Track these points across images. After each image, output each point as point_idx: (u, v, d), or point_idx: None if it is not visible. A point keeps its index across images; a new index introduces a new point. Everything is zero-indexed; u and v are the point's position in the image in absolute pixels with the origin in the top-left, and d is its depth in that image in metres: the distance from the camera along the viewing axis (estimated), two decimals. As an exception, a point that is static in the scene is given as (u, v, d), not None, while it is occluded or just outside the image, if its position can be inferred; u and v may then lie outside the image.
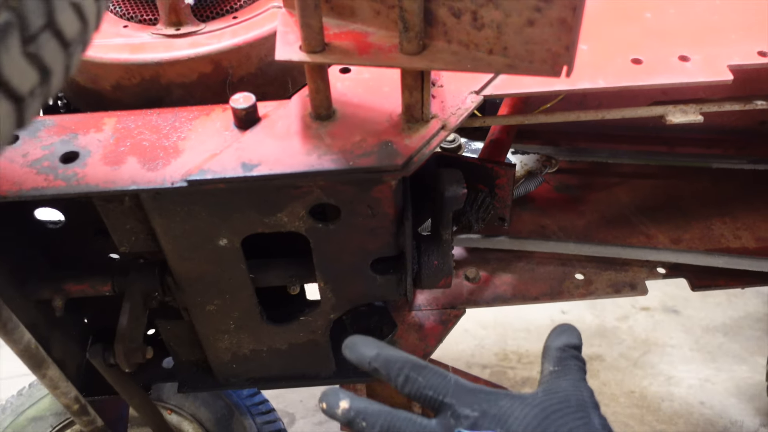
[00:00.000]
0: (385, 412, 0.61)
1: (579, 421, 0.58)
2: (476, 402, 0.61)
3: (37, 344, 0.75)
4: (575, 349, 0.65)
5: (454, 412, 0.61)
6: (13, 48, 0.36)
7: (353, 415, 0.61)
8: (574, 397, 0.60)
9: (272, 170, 0.69)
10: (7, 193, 0.70)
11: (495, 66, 0.65)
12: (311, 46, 0.67)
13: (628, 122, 1.22)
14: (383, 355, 0.63)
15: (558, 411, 0.59)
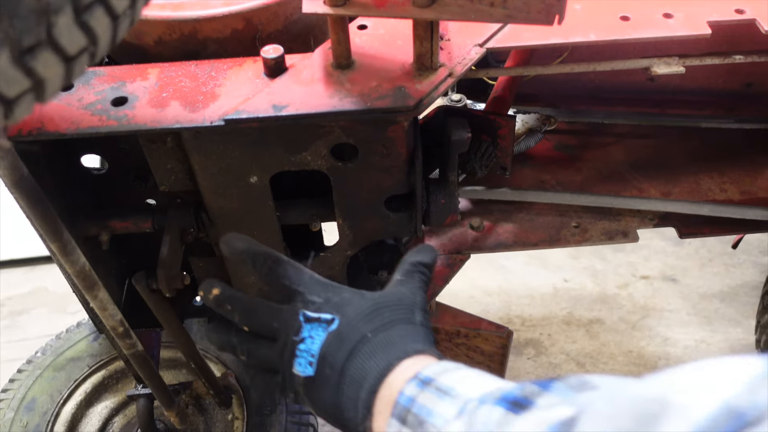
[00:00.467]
0: (247, 298, 0.73)
1: (402, 315, 0.69)
2: (323, 291, 0.71)
3: (91, 267, 0.84)
4: (425, 266, 0.76)
5: (304, 298, 0.71)
6: (66, 16, 0.44)
7: (222, 300, 0.73)
8: (408, 299, 0.71)
9: (299, 110, 0.79)
10: (66, 131, 0.80)
11: (496, 16, 0.74)
12: (334, 1, 0.76)
13: (622, 85, 1.31)
14: (252, 249, 0.74)
15: (389, 306, 0.69)
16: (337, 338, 0.66)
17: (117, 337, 0.94)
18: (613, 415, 0.40)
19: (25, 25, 0.38)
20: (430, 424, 0.55)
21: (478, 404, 0.52)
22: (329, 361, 0.66)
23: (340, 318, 0.68)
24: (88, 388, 1.29)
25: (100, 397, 1.31)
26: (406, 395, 0.59)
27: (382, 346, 0.65)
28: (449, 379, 0.58)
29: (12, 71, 0.39)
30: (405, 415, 0.57)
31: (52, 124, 0.80)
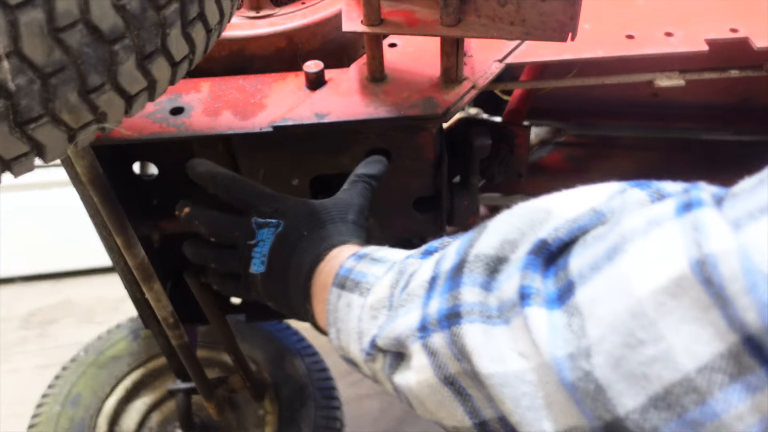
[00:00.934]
0: (212, 213, 0.85)
1: (337, 216, 0.80)
2: (273, 202, 0.82)
3: (149, 261, 0.93)
4: (369, 177, 0.86)
5: (257, 209, 0.82)
6: (176, 28, 0.53)
7: (192, 216, 0.85)
8: (344, 202, 0.82)
9: (339, 118, 0.88)
10: (131, 136, 0.90)
11: (515, 33, 0.84)
12: (370, 20, 0.86)
13: (628, 100, 1.40)
14: (212, 170, 0.86)
15: (325, 209, 0.81)
16: (281, 238, 0.78)
17: (167, 327, 1.03)
18: (508, 219, 0.50)
19: (148, 35, 0.48)
20: (365, 282, 0.64)
21: (403, 259, 0.62)
22: (276, 258, 0.77)
23: (284, 221, 0.79)
24: (128, 385, 1.37)
25: (139, 393, 1.39)
26: (345, 267, 0.69)
27: (315, 241, 0.76)
28: (382, 252, 0.69)
29: (136, 73, 0.49)
30: (344, 282, 0.67)
31: (118, 130, 0.90)
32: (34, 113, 0.44)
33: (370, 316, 0.61)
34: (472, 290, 0.48)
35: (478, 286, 0.48)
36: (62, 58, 0.43)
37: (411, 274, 0.58)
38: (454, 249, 0.53)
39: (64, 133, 0.47)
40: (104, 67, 0.46)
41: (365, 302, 0.63)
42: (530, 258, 0.46)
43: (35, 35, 0.41)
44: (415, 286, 0.55)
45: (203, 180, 0.86)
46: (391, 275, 0.61)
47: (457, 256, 0.51)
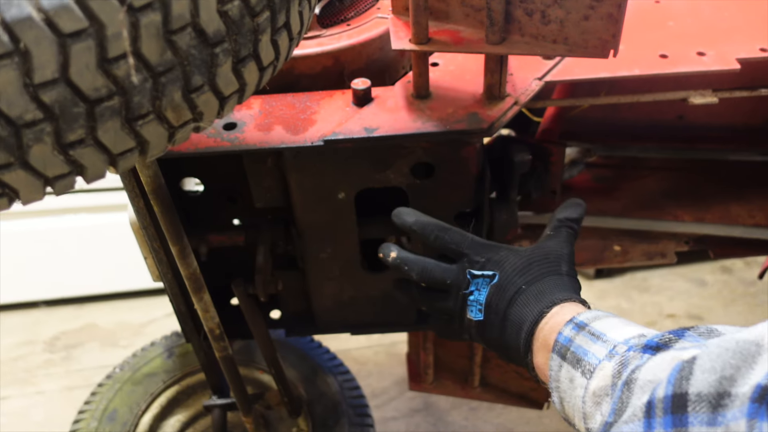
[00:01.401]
0: (421, 259, 0.88)
1: (551, 268, 0.83)
2: (485, 252, 0.85)
3: (200, 272, 0.96)
4: (572, 221, 0.90)
5: (469, 258, 0.85)
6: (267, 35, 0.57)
7: (400, 262, 0.89)
8: (555, 252, 0.85)
9: (388, 132, 0.92)
10: (188, 150, 0.93)
11: (558, 51, 0.88)
12: (419, 39, 0.90)
13: (654, 123, 1.44)
14: (420, 221, 0.90)
15: (539, 260, 0.83)
16: (498, 290, 0.82)
17: (213, 339, 1.05)
18: (721, 353, 0.52)
19: (243, 40, 0.51)
20: (586, 362, 0.68)
21: (626, 349, 0.64)
22: (494, 309, 0.82)
23: (499, 273, 0.83)
24: (163, 401, 1.39)
25: (173, 410, 1.40)
26: (564, 335, 0.72)
27: (534, 295, 0.79)
28: (600, 325, 0.71)
29: (231, 76, 0.52)
30: (564, 352, 0.71)
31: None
32: (143, 110, 0.48)
33: (593, 402, 0.65)
34: (700, 429, 0.51)
35: (705, 425, 0.51)
36: (172, 58, 0.47)
37: (632, 370, 0.60)
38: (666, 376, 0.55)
39: (166, 130, 0.50)
40: (205, 69, 0.49)
41: (588, 386, 0.66)
42: (754, 407, 0.48)
43: (152, 36, 0.45)
44: (636, 402, 0.57)
45: (412, 229, 0.90)
46: (614, 365, 0.64)
47: (670, 387, 0.53)
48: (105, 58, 0.44)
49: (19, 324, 2.40)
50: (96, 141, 0.47)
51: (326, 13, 1.05)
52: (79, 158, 0.47)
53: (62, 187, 0.49)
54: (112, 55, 0.44)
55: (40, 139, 0.45)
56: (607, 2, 0.81)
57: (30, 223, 2.36)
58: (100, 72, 0.44)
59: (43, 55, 0.42)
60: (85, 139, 0.46)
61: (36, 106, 0.43)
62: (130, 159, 0.50)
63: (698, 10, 1.14)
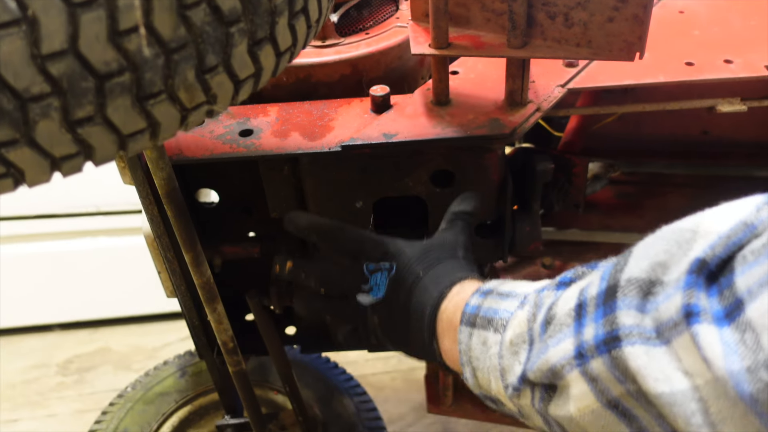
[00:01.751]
0: (318, 265, 0.87)
1: (447, 254, 0.80)
2: (381, 246, 0.83)
3: (214, 281, 0.94)
4: (466, 214, 0.87)
5: (366, 254, 0.83)
6: (284, 18, 0.56)
7: (297, 270, 0.87)
8: (451, 240, 0.83)
9: (408, 138, 0.90)
10: (202, 156, 0.91)
11: (582, 54, 0.86)
12: (439, 44, 0.88)
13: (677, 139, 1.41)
14: (315, 221, 0.88)
15: (435, 248, 0.81)
16: (396, 281, 0.79)
17: (226, 353, 1.02)
18: (655, 241, 0.50)
19: (260, 21, 0.49)
20: (498, 319, 0.64)
21: (538, 292, 0.62)
22: (394, 302, 0.78)
23: (396, 263, 0.80)
24: (175, 422, 1.35)
25: (185, 431, 1.37)
26: (471, 305, 0.69)
27: (432, 280, 0.77)
28: (507, 286, 0.68)
29: (246, 58, 0.50)
30: (473, 320, 0.67)
31: (190, 151, 0.92)
32: (155, 88, 0.46)
33: (510, 352, 0.61)
34: (629, 313, 0.49)
35: (633, 309, 0.49)
36: (185, 35, 0.45)
37: (549, 306, 0.58)
38: (598, 276, 0.54)
39: (178, 112, 0.48)
40: (220, 48, 0.48)
41: (503, 339, 0.63)
42: (692, 278, 0.46)
43: (166, 10, 0.43)
44: (562, 315, 0.55)
45: (306, 231, 0.88)
46: (527, 309, 0.61)
47: (604, 282, 0.52)
48: (116, 30, 0.42)
49: (33, 347, 2.38)
50: (105, 119, 0.45)
51: (344, 22, 1.04)
52: (87, 137, 0.45)
53: (69, 168, 0.47)
54: (123, 27, 0.42)
55: (47, 114, 0.43)
56: (632, 3, 0.79)
57: (45, 246, 2.35)
58: (111, 45, 0.42)
59: (51, 24, 0.40)
60: (94, 117, 0.44)
61: (43, 79, 0.41)
62: (140, 141, 0.48)
63: (724, 20, 1.11)
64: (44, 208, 2.31)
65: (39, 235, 2.34)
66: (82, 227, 2.37)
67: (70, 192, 2.28)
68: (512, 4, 0.83)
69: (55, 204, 2.31)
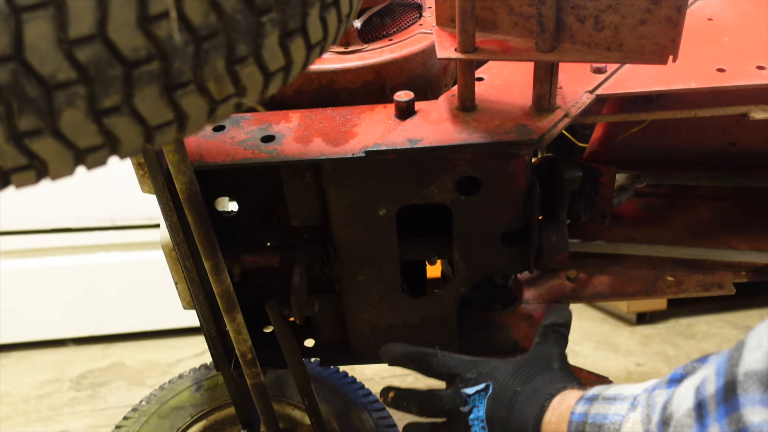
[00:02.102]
0: (417, 392, 0.88)
1: (542, 367, 0.81)
2: (474, 367, 0.85)
3: (233, 290, 0.92)
4: (560, 326, 0.89)
5: (461, 378, 0.85)
6: (316, 9, 0.54)
7: (398, 400, 0.89)
8: (545, 354, 0.84)
9: (433, 143, 0.88)
10: (224, 161, 0.90)
11: (613, 58, 0.83)
12: (465, 47, 0.87)
13: (704, 150, 1.38)
14: (408, 351, 0.91)
15: (529, 363, 0.82)
16: (495, 400, 0.80)
17: (245, 364, 1.00)
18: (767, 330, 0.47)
19: (292, 12, 0.48)
20: (609, 425, 0.63)
21: (649, 392, 0.59)
22: (495, 420, 0.79)
23: (492, 383, 0.81)
24: (190, 436, 1.33)
25: (200, 446, 1.34)
26: (577, 413, 0.68)
27: (530, 393, 0.77)
28: (612, 390, 0.67)
29: (277, 49, 0.48)
30: (582, 428, 0.66)
31: (210, 156, 0.90)
32: (184, 78, 0.44)
33: None
34: (754, 410, 0.46)
35: (758, 404, 0.46)
36: (216, 23, 0.44)
37: (664, 406, 0.56)
38: (713, 371, 0.51)
39: (206, 104, 0.47)
40: (251, 38, 0.46)
41: None
42: None
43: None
44: (681, 416, 0.53)
45: (401, 362, 0.91)
46: (640, 411, 0.60)
47: (721, 378, 0.49)
48: (146, 15, 0.41)
49: (47, 362, 2.37)
50: (132, 110, 0.43)
51: (368, 29, 1.03)
52: (113, 128, 0.43)
53: (94, 161, 0.45)
54: (153, 12, 0.41)
55: (73, 103, 0.41)
56: (665, 5, 0.77)
57: (60, 260, 2.35)
58: (140, 30, 0.41)
59: (80, 8, 0.39)
60: (121, 107, 0.43)
61: (70, 65, 0.40)
62: (167, 133, 0.46)
63: (754, 27, 1.09)
64: (59, 222, 2.30)
65: (54, 249, 2.33)
66: (97, 241, 2.37)
67: (86, 205, 2.28)
68: (541, 7, 0.81)
69: (70, 218, 2.31)
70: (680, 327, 2.53)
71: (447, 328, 1.09)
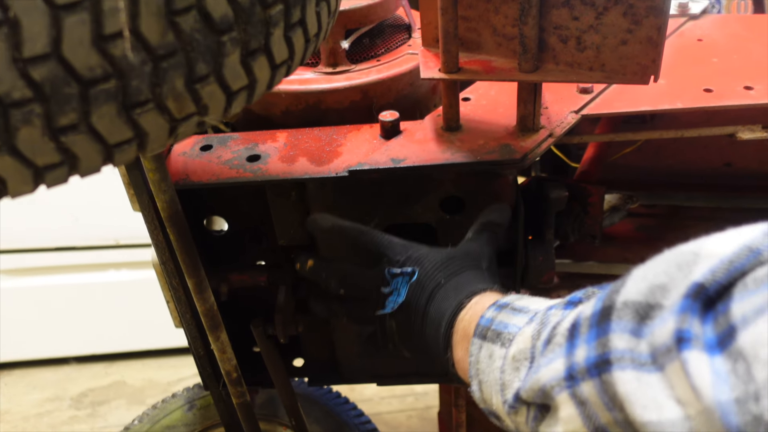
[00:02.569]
0: (339, 266, 0.86)
1: (471, 263, 0.79)
2: (404, 250, 0.83)
3: (218, 309, 0.92)
4: (495, 225, 0.87)
5: (388, 258, 0.83)
6: (280, 29, 0.55)
7: (317, 269, 0.87)
8: (475, 251, 0.82)
9: (416, 163, 0.88)
10: (209, 181, 0.90)
11: (595, 78, 0.84)
12: (449, 68, 0.87)
13: (699, 171, 1.37)
14: (338, 224, 0.87)
15: (459, 257, 0.80)
16: (417, 286, 0.79)
17: (230, 383, 1.00)
18: (655, 264, 0.47)
19: (254, 31, 0.48)
20: (506, 333, 0.63)
21: (546, 310, 0.60)
22: (413, 308, 0.78)
23: (419, 269, 0.79)
24: (181, 456, 1.32)
25: (191, 466, 1.33)
26: (486, 317, 0.67)
27: (453, 288, 0.76)
28: (523, 301, 0.67)
29: (239, 69, 0.49)
30: (485, 332, 0.66)
31: (196, 175, 0.91)
32: (141, 96, 0.45)
33: (512, 367, 0.60)
34: (622, 337, 0.47)
35: (627, 332, 0.47)
36: (174, 42, 0.44)
37: (554, 325, 0.56)
38: (595, 297, 0.52)
39: (167, 122, 0.47)
40: (211, 57, 0.47)
41: (507, 353, 0.61)
42: (687, 302, 0.44)
43: (153, 15, 0.42)
44: (558, 336, 0.54)
45: (329, 233, 0.88)
46: (533, 326, 0.60)
47: (600, 303, 0.50)
48: (100, 34, 0.41)
49: (48, 380, 2.37)
50: (90, 128, 0.44)
51: (356, 49, 1.04)
52: (71, 146, 0.44)
53: (53, 179, 0.45)
54: (108, 32, 0.41)
55: (29, 120, 0.42)
56: (646, 25, 0.78)
57: (62, 279, 2.36)
58: (95, 49, 0.41)
59: (34, 27, 0.39)
60: (78, 125, 0.43)
61: (25, 83, 0.40)
62: (127, 152, 0.47)
63: (744, 48, 1.09)
64: (62, 241, 2.32)
65: (56, 268, 2.35)
66: (100, 260, 2.38)
67: (89, 224, 2.30)
68: (523, 27, 0.81)
69: (74, 237, 2.32)
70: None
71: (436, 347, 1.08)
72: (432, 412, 2.09)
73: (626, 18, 0.78)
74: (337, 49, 1.01)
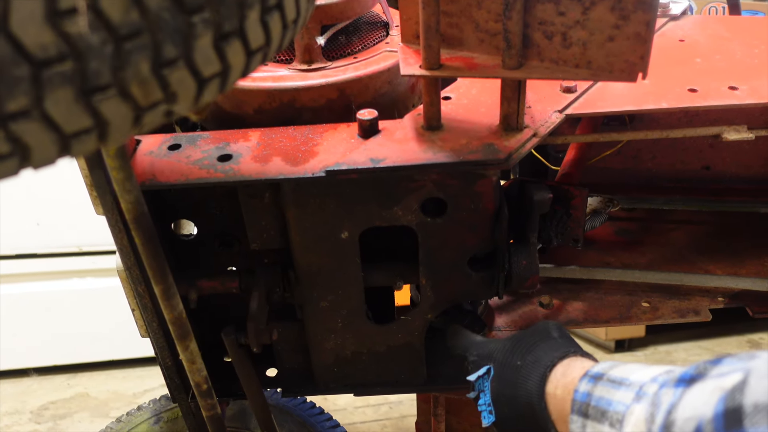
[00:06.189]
0: None
1: (541, 337, 0.81)
2: (476, 350, 0.87)
3: (187, 317, 0.87)
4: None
5: (468, 361, 0.87)
6: (255, 12, 0.51)
7: None
8: (542, 326, 0.84)
9: (396, 163, 0.84)
10: (177, 181, 0.85)
11: (581, 75, 0.81)
12: (430, 64, 0.84)
13: (679, 175, 1.36)
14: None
15: (526, 336, 0.82)
16: (498, 381, 0.80)
17: (200, 395, 0.94)
18: None
19: (227, 13, 0.44)
20: (612, 412, 0.60)
21: (658, 387, 0.56)
22: (502, 401, 0.79)
23: (493, 365, 0.82)
24: (147, 472, 1.26)
25: (158, 482, 1.27)
26: (581, 392, 0.66)
27: (532, 365, 0.76)
28: (619, 371, 0.64)
29: (211, 53, 0.45)
30: (585, 409, 0.64)
31: (163, 176, 0.86)
32: (102, 80, 0.40)
33: None
34: None
35: None
36: (139, 21, 0.40)
37: (669, 410, 0.53)
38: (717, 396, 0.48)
39: (131, 110, 0.42)
40: (180, 39, 0.42)
41: None
42: None
43: (114, -12, 0.38)
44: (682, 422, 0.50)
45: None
46: (644, 407, 0.57)
47: (721, 404, 0.47)
48: (55, 9, 0.37)
49: (7, 393, 2.28)
50: (43, 114, 0.39)
51: (332, 46, 1.00)
52: (21, 135, 0.39)
53: (2, 171, 0.40)
54: (63, 6, 0.37)
55: (-28, 105, 0.37)
56: (634, 21, 0.75)
57: (22, 287, 2.27)
58: (49, 25, 0.37)
59: (-24, -1, 0.35)
60: (30, 111, 0.38)
61: (-34, 63, 0.36)
62: (86, 142, 0.42)
63: (726, 48, 1.08)
64: (23, 248, 2.23)
65: (17, 276, 2.25)
66: (62, 267, 2.30)
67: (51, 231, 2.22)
68: (507, 22, 0.78)
69: (35, 244, 2.24)
70: (659, 354, 2.50)
71: (414, 355, 1.04)
72: (407, 422, 2.05)
73: (614, 13, 0.75)
74: (312, 45, 0.97)
